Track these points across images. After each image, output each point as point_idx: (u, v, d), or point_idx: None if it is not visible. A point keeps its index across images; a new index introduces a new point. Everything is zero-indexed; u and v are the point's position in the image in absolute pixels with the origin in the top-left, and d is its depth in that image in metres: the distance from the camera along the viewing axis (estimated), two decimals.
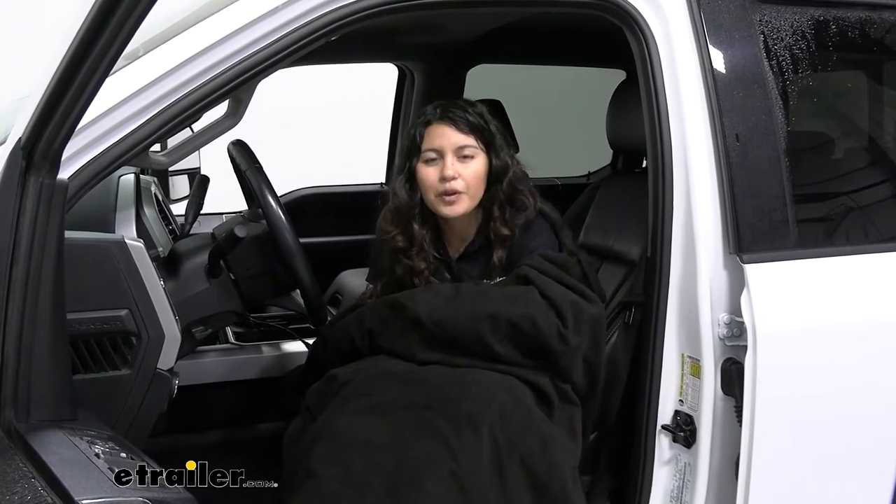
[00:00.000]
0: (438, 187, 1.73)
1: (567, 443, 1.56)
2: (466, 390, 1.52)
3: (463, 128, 1.73)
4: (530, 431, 1.51)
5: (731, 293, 1.51)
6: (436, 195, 1.74)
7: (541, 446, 1.50)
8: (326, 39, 1.39)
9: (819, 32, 1.62)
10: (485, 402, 1.50)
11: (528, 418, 1.53)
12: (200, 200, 1.91)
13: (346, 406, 1.55)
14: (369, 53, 2.72)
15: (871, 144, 1.88)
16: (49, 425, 1.09)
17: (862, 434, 1.57)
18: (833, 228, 1.65)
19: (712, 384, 1.50)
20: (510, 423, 1.50)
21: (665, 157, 1.55)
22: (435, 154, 1.74)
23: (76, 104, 1.03)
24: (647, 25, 1.55)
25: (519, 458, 1.48)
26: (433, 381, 1.56)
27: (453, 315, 1.63)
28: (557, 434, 1.55)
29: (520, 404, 1.53)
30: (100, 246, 1.33)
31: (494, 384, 1.55)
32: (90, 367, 1.35)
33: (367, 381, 1.60)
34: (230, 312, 1.72)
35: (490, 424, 1.48)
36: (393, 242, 1.81)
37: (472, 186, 1.74)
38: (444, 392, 1.53)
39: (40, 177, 1.10)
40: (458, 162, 1.73)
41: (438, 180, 1.72)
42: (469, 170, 1.73)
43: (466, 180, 1.73)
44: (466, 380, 1.56)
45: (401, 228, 1.80)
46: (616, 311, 1.79)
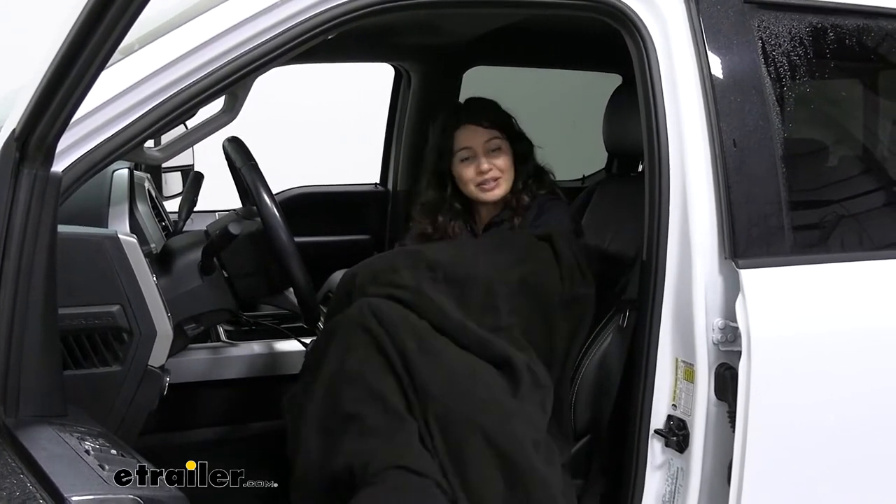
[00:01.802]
0: (477, 179, 1.98)
1: (531, 417, 1.59)
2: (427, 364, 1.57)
3: (487, 124, 1.99)
4: (490, 406, 1.55)
5: (726, 298, 1.51)
6: (475, 185, 1.99)
7: (500, 419, 1.54)
8: (323, 38, 1.38)
9: (817, 39, 1.62)
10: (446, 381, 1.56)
11: (489, 394, 1.57)
12: (194, 197, 1.90)
13: (357, 350, 1.59)
14: (366, 53, 2.71)
15: (866, 152, 1.89)
16: (38, 421, 1.08)
17: (856, 440, 1.57)
18: (828, 235, 1.66)
19: (706, 389, 1.50)
20: (470, 400, 1.55)
21: (662, 160, 1.54)
22: (468, 153, 1.99)
23: (72, 96, 1.02)
24: (645, 29, 1.55)
25: (481, 432, 1.51)
26: (398, 338, 1.59)
27: (469, 266, 1.75)
28: (519, 409, 1.58)
29: (479, 382, 1.59)
30: (92, 240, 1.32)
31: (458, 361, 1.61)
32: (80, 363, 1.34)
33: (359, 315, 1.62)
34: (223, 310, 1.71)
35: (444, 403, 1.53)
36: (421, 228, 2.07)
37: (505, 172, 1.99)
38: (402, 348, 1.58)
39: (34, 169, 1.09)
40: (490, 156, 1.98)
41: (476, 174, 1.98)
42: (500, 161, 1.99)
43: (500, 169, 1.98)
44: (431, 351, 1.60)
45: (430, 219, 2.06)
46: (610, 315, 1.79)
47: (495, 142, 1.98)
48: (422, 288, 1.67)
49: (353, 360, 1.57)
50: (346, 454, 1.50)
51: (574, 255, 1.81)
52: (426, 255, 1.76)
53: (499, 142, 1.98)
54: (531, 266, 1.78)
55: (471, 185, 1.99)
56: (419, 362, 1.56)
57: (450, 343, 1.63)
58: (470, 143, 1.98)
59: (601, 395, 1.74)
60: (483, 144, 1.97)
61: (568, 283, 1.77)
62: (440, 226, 2.05)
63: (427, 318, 1.64)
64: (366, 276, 1.71)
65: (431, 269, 1.72)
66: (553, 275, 1.77)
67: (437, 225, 2.05)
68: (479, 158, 1.97)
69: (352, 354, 1.58)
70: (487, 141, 1.97)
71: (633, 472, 1.59)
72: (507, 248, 1.85)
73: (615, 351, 1.72)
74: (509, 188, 2.00)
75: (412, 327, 1.61)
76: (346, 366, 1.58)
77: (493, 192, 1.98)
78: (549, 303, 1.75)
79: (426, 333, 1.62)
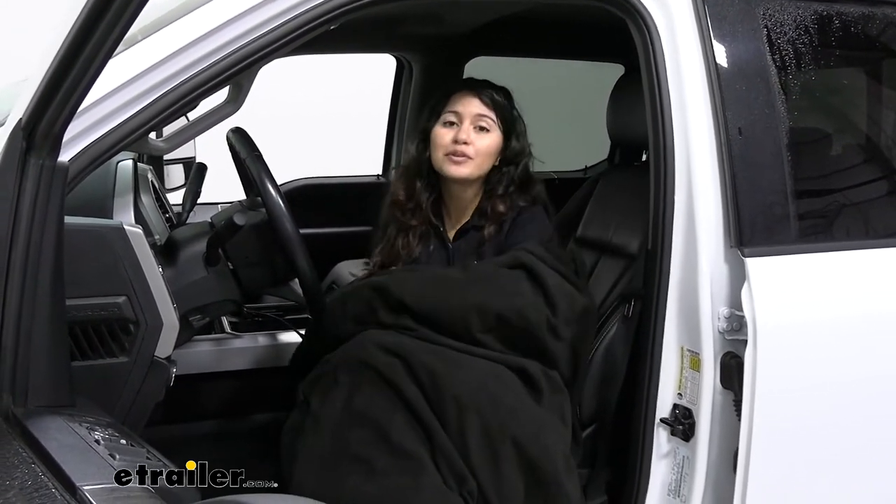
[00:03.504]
0: (449, 147, 1.78)
1: (559, 427, 1.58)
2: (455, 373, 1.54)
3: (486, 100, 1.81)
4: (521, 416, 1.53)
5: (732, 287, 1.51)
6: (444, 154, 1.79)
7: (533, 430, 1.52)
8: (326, 27, 1.38)
9: (822, 27, 1.62)
10: (473, 390, 1.52)
11: (519, 403, 1.55)
12: (198, 188, 1.89)
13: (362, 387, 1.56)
14: (369, 44, 2.70)
15: (871, 140, 1.88)
16: (48, 411, 1.08)
17: (862, 428, 1.57)
18: (834, 223, 1.66)
19: (711, 378, 1.50)
20: (500, 407, 1.52)
21: (667, 149, 1.54)
22: (454, 118, 1.80)
23: (78, 86, 1.02)
24: (650, 18, 1.54)
25: (512, 441, 1.50)
26: (420, 358, 1.57)
27: (440, 303, 1.65)
28: (549, 419, 1.56)
29: (508, 391, 1.56)
30: (98, 232, 1.32)
31: (482, 371, 1.57)
32: (87, 354, 1.34)
33: (362, 353, 1.60)
34: (228, 301, 1.71)
35: (478, 410, 1.50)
36: (395, 195, 1.88)
37: (480, 156, 1.79)
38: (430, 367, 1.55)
39: (41, 159, 1.09)
40: (474, 131, 1.79)
41: (451, 141, 1.78)
42: (482, 141, 1.79)
43: (477, 150, 1.78)
44: (457, 363, 1.57)
45: (405, 184, 1.88)
46: (615, 304, 1.79)
47: (487, 121, 1.79)
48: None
49: (360, 400, 1.54)
50: (353, 495, 1.46)
51: (559, 271, 1.70)
52: (394, 293, 1.67)
53: (491, 124, 1.79)
54: (508, 301, 1.65)
55: (440, 153, 1.79)
56: (447, 375, 1.54)
57: (466, 354, 1.61)
58: (459, 109, 1.80)
59: (607, 385, 1.74)
60: (473, 116, 1.79)
61: (561, 304, 1.66)
62: (415, 194, 1.85)
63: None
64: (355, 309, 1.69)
65: (399, 310, 1.66)
66: (536, 305, 1.65)
67: (413, 193, 1.86)
68: (461, 126, 1.78)
69: (358, 393, 1.55)
70: (479, 115, 1.79)
71: (638, 461, 1.59)
72: (479, 282, 1.69)
73: (620, 340, 1.72)
74: (479, 175, 1.81)
75: (430, 348, 1.59)
76: (353, 406, 1.55)
77: (459, 167, 1.77)
78: (535, 335, 1.63)
79: (442, 351, 1.60)
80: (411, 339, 1.62)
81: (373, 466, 1.47)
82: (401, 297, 1.66)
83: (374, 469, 1.47)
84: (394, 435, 1.49)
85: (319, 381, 1.65)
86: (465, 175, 1.79)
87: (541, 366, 1.63)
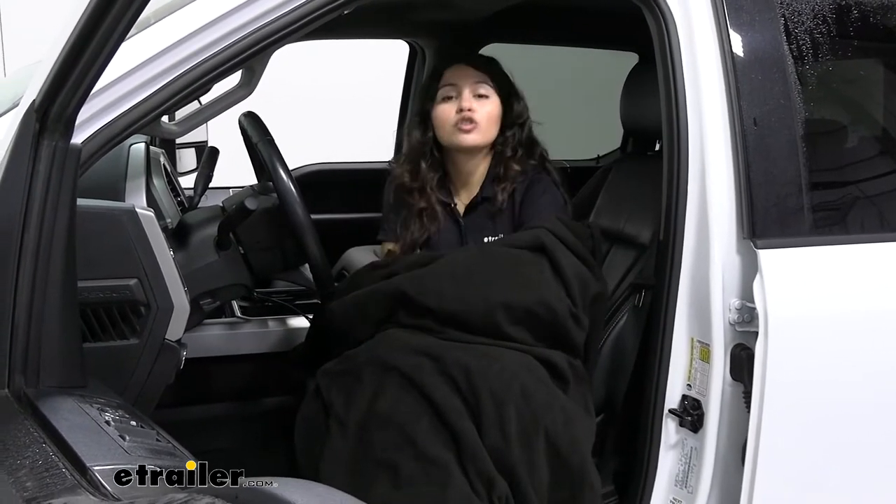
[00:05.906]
0: (454, 118, 1.81)
1: (584, 419, 1.57)
2: (489, 367, 1.52)
3: (481, 67, 1.84)
4: (553, 407, 1.52)
5: (744, 278, 1.50)
6: (452, 125, 1.81)
7: (563, 421, 1.51)
8: (341, 12, 1.37)
9: (840, 17, 1.60)
10: (506, 382, 1.50)
11: (550, 395, 1.53)
12: (210, 172, 1.90)
13: (386, 389, 1.53)
14: (382, 29, 2.69)
15: (887, 132, 1.86)
16: (59, 391, 1.08)
17: (872, 422, 1.56)
18: (848, 216, 1.64)
19: (721, 369, 1.49)
20: (533, 399, 1.50)
21: (681, 139, 1.53)
22: (452, 91, 1.83)
23: (91, 68, 1.02)
24: (666, 5, 1.53)
25: (544, 433, 1.49)
26: (452, 355, 1.54)
27: (466, 305, 1.62)
28: (576, 411, 1.56)
29: (539, 382, 1.54)
30: (111, 214, 1.32)
31: (514, 363, 1.55)
32: (98, 335, 1.35)
33: (387, 355, 1.58)
34: (239, 285, 1.71)
35: (514, 402, 1.49)
36: (400, 178, 1.90)
37: (485, 122, 1.82)
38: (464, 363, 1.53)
39: (54, 140, 1.09)
40: (474, 99, 1.82)
41: (456, 112, 1.81)
42: (484, 108, 1.82)
43: (481, 117, 1.81)
44: (488, 356, 1.55)
45: (409, 167, 1.89)
46: (626, 294, 1.79)
47: (484, 87, 1.82)
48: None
49: (385, 402, 1.52)
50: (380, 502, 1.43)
51: (578, 253, 1.69)
52: (415, 299, 1.63)
53: (489, 89, 1.83)
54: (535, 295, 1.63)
55: (447, 126, 1.82)
56: (481, 370, 1.51)
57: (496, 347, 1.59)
58: (455, 81, 1.83)
59: (616, 375, 1.74)
60: (470, 84, 1.82)
61: (578, 292, 1.65)
62: (421, 176, 1.87)
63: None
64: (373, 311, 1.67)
65: (421, 314, 1.62)
66: (560, 295, 1.63)
67: (419, 175, 1.87)
68: (462, 96, 1.81)
69: (383, 395, 1.53)
70: (476, 83, 1.82)
71: (646, 452, 1.59)
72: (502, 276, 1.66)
73: (631, 330, 1.72)
74: (486, 143, 1.84)
75: (460, 346, 1.57)
76: (377, 408, 1.52)
77: (469, 134, 1.80)
78: (562, 324, 1.62)
79: (473, 348, 1.57)
80: (437, 339, 1.60)
81: (398, 472, 1.44)
82: (423, 302, 1.63)
83: (400, 475, 1.44)
84: (419, 439, 1.46)
85: (341, 378, 1.61)
86: (476, 142, 1.82)
87: (565, 355, 1.62)
